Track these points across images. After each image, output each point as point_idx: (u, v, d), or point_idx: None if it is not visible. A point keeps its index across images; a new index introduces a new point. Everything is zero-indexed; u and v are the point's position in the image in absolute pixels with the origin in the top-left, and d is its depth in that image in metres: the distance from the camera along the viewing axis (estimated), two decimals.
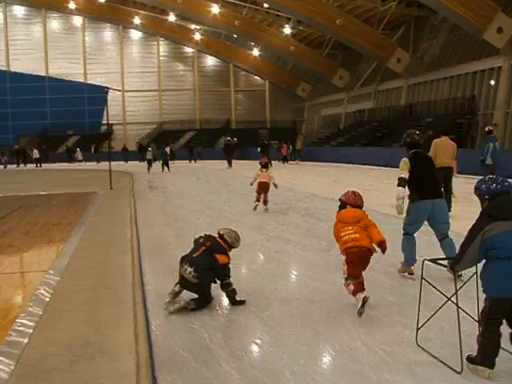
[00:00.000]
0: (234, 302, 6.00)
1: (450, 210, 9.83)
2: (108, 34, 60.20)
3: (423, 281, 4.72)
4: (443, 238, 7.08)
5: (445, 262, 4.60)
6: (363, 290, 5.59)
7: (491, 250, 4.09)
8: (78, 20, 58.86)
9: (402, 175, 7.06)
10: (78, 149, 51.77)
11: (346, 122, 49.06)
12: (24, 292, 7.06)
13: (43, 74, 57.69)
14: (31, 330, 5.34)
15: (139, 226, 11.48)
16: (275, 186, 13.52)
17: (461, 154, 21.00)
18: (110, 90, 50.12)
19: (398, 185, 7.05)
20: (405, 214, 7.23)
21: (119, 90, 58.70)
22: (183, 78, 60.93)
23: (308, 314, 5.66)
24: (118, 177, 25.29)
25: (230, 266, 6.15)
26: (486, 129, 18.10)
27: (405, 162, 7.14)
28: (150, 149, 37.69)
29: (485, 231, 4.09)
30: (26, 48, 57.61)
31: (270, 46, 52.03)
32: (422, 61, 40.05)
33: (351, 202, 6.18)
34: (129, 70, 59.64)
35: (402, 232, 7.34)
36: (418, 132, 7.69)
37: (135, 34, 59.93)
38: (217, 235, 6.32)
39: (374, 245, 5.94)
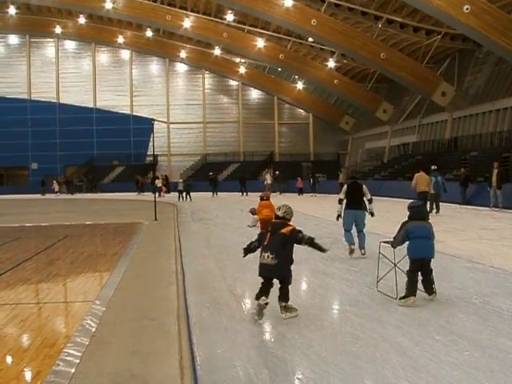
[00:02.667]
0: (318, 248, 7.27)
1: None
2: (154, 67, 61.41)
3: (380, 255, 8.35)
4: (359, 232, 11.47)
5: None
6: None
7: (409, 234, 7.56)
8: (125, 54, 60.29)
9: (340, 197, 11.55)
10: (54, 181, 52.70)
11: (389, 155, 48.76)
12: (70, 322, 7.14)
13: (91, 105, 59.12)
14: (78, 361, 5.39)
15: (184, 257, 11.54)
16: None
17: (507, 188, 20.80)
18: (156, 122, 50.97)
19: (339, 203, 11.57)
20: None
21: (164, 122, 59.63)
22: (227, 111, 61.57)
23: (353, 352, 5.59)
24: (162, 208, 25.55)
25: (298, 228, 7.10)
26: (433, 167, 23.36)
27: (344, 188, 11.66)
28: (180, 180, 41.08)
29: (407, 225, 7.69)
30: (76, 81, 59.24)
31: (314, 79, 52.30)
32: (467, 94, 39.72)
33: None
34: (174, 102, 60.60)
35: (343, 229, 11.56)
36: (355, 170, 14.86)
37: (181, 67, 60.96)
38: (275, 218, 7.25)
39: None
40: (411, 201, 8.34)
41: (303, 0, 39.49)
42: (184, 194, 37.71)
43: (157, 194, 37.51)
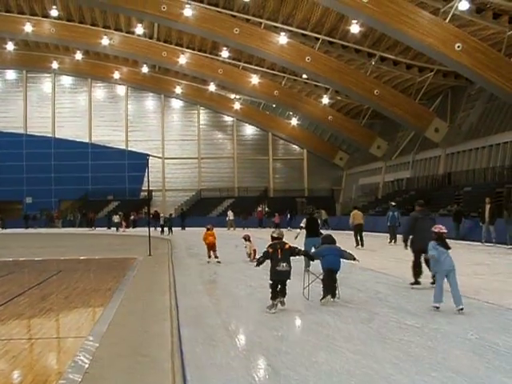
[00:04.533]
0: (309, 257, 10.92)
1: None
2: (150, 102, 61.91)
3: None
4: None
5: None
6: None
7: (323, 253, 10.33)
8: (121, 89, 60.83)
9: (301, 225, 15.18)
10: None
11: (383, 191, 48.96)
12: (63, 358, 7.05)
13: (86, 140, 59.40)
14: None
15: (178, 293, 11.46)
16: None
17: (500, 223, 20.87)
18: (151, 157, 51.16)
19: (300, 228, 15.22)
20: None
21: (159, 157, 59.88)
22: (222, 146, 61.92)
23: None
24: (157, 243, 25.47)
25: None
26: (392, 203, 28.36)
27: (304, 220, 15.10)
28: (161, 215, 42.67)
29: (321, 248, 10.65)
30: (71, 115, 59.76)
31: (308, 116, 52.79)
32: (460, 130, 40.08)
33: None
34: (169, 138, 60.95)
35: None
36: (313, 207, 17.35)
37: (176, 103, 61.46)
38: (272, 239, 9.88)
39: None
40: (325, 233, 12.38)
41: (298, 37, 40.03)
42: (167, 228, 39.57)
43: (115, 229, 44.10)
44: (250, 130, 61.84)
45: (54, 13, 44.25)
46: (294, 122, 57.64)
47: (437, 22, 30.89)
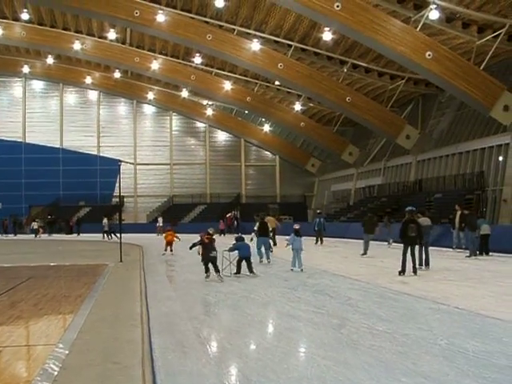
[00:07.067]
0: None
1: (275, 244, 24.23)
2: (122, 108, 61.51)
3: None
4: (266, 250, 18.95)
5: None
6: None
7: (238, 246, 15.63)
8: (93, 94, 60.34)
9: (255, 228, 19.74)
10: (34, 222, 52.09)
11: (355, 197, 49.26)
12: (32, 366, 6.95)
13: (58, 145, 58.78)
14: None
15: (149, 300, 11.39)
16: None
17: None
18: (123, 163, 50.82)
19: (253, 232, 19.74)
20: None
21: (131, 163, 59.46)
22: (195, 153, 61.74)
23: None
24: (128, 249, 25.29)
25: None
26: (318, 211, 35.72)
27: (257, 224, 19.74)
28: (105, 220, 42.66)
29: (237, 243, 15.65)
30: (42, 120, 59.11)
31: (280, 122, 52.98)
32: (431, 137, 40.56)
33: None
34: (141, 144, 60.62)
35: (256, 249, 18.72)
36: (264, 214, 23.61)
37: (148, 109, 61.20)
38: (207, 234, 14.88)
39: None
40: (239, 235, 16.83)
41: (270, 44, 40.18)
42: (109, 233, 40.93)
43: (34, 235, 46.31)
44: (222, 136, 61.76)
45: (25, 16, 43.77)
46: (267, 128, 57.79)
47: (408, 30, 31.26)
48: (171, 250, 23.89)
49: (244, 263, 15.44)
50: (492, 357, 6.62)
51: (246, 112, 56.48)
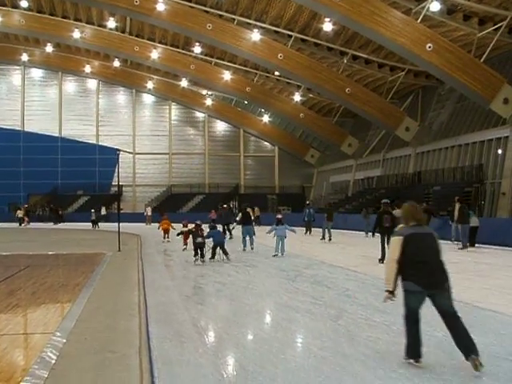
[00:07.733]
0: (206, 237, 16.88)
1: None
2: (121, 97, 61.31)
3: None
4: (250, 237, 20.13)
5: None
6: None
7: (213, 236, 16.92)
8: (92, 83, 60.12)
9: (237, 218, 22.43)
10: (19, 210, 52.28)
11: (354, 188, 49.25)
12: (29, 354, 6.97)
13: (56, 134, 58.62)
14: None
15: (147, 289, 11.41)
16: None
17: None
18: (121, 152, 50.73)
19: (236, 222, 22.58)
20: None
21: (130, 153, 59.38)
22: (193, 142, 61.63)
23: None
24: (126, 238, 25.31)
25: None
26: (307, 202, 37.39)
27: (240, 214, 21.62)
28: (92, 210, 44.92)
29: (209, 232, 16.89)
30: (41, 109, 58.86)
31: (280, 113, 52.84)
32: (430, 129, 40.49)
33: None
34: (140, 133, 60.48)
35: (242, 237, 20.28)
36: (247, 205, 23.06)
37: (148, 98, 61.03)
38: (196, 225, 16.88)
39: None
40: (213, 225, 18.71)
41: (270, 34, 40.03)
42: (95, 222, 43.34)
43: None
44: (221, 127, 61.64)
45: (24, 4, 43.52)
46: (266, 118, 57.69)
47: (409, 22, 31.14)
48: (168, 237, 25.56)
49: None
50: (489, 349, 6.64)
51: (246, 102, 56.37)
